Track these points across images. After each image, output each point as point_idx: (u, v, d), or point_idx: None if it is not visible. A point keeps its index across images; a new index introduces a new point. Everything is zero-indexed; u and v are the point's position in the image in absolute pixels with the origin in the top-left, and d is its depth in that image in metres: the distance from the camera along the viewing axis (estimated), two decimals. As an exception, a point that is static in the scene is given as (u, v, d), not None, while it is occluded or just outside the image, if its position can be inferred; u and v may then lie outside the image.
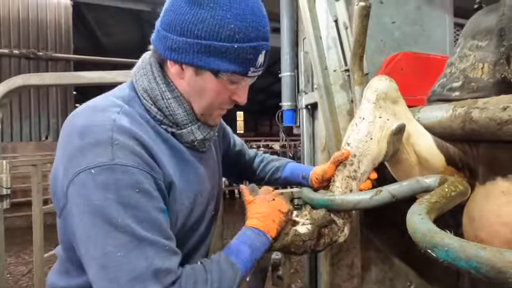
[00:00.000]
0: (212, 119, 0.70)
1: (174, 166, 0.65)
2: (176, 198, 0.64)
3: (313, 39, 1.17)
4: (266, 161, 1.05)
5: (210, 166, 0.79)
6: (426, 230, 0.51)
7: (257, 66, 0.62)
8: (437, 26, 1.49)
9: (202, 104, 0.66)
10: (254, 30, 0.60)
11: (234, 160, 1.01)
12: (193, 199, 0.69)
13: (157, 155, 0.60)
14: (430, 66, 1.29)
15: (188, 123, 0.66)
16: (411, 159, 0.90)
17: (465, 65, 0.82)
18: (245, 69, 0.61)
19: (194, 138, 0.68)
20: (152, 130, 0.63)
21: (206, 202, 0.75)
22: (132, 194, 0.53)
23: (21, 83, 1.32)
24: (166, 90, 0.64)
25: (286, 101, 1.66)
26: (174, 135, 0.67)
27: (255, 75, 0.65)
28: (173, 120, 0.65)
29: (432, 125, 0.88)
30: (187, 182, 0.67)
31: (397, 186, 0.78)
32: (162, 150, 0.63)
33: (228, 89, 0.65)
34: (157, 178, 0.58)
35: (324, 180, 0.90)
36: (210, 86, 0.63)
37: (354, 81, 1.02)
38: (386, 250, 1.29)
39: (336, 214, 0.85)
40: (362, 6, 0.88)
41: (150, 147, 0.59)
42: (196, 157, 0.72)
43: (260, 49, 0.61)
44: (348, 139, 0.87)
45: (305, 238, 0.79)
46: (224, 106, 0.69)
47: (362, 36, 0.93)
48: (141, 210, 0.53)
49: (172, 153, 0.66)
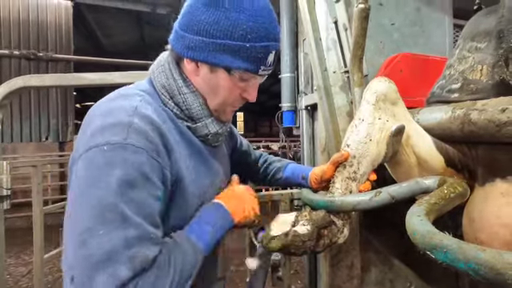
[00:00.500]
0: (225, 115, 0.74)
1: (188, 157, 0.68)
2: (186, 187, 0.66)
3: (313, 41, 1.18)
4: (269, 161, 1.07)
5: (222, 161, 0.82)
6: (424, 231, 0.51)
7: (267, 64, 0.67)
8: (436, 27, 1.49)
9: (215, 101, 0.70)
10: (264, 31, 0.64)
11: (239, 159, 1.03)
12: (204, 191, 0.71)
13: (172, 145, 0.63)
14: (429, 68, 1.30)
15: (203, 117, 0.70)
16: (410, 160, 0.90)
17: (464, 66, 0.82)
18: (256, 67, 0.65)
19: (208, 132, 0.72)
20: (170, 122, 0.67)
21: (216, 194, 0.76)
22: (134, 174, 0.54)
23: (21, 84, 1.33)
24: (182, 86, 0.69)
25: (286, 102, 1.66)
26: (190, 129, 0.71)
27: (265, 74, 0.69)
28: (188, 114, 0.69)
29: (431, 126, 0.89)
30: (199, 174, 0.70)
31: (396, 187, 0.78)
32: (178, 141, 0.66)
33: (239, 86, 0.69)
34: (164, 166, 0.59)
35: (323, 180, 0.90)
36: (222, 83, 0.67)
37: (354, 82, 1.03)
38: (386, 251, 1.29)
39: (336, 215, 0.85)
40: (362, 8, 0.88)
41: (167, 137, 0.62)
42: (209, 151, 0.76)
43: (270, 48, 0.66)
44: (347, 140, 0.88)
45: (304, 238, 0.79)
46: (236, 103, 0.73)
47: (361, 38, 0.93)
48: (137, 192, 0.54)
49: (187, 145, 0.69)
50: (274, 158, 1.09)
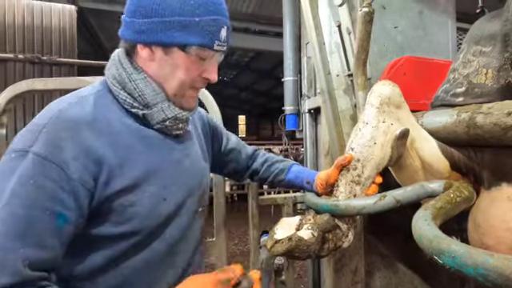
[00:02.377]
0: (186, 100, 0.71)
1: (136, 153, 0.64)
2: (137, 185, 0.62)
3: (316, 45, 1.18)
4: (270, 161, 1.03)
5: (191, 157, 0.77)
6: (432, 236, 0.51)
7: (221, 39, 0.66)
8: (439, 30, 1.49)
9: (173, 83, 0.68)
10: (212, 5, 0.65)
11: (228, 158, 1.00)
12: (161, 186, 0.66)
13: (102, 149, 0.58)
14: (433, 71, 1.29)
15: (158, 102, 0.67)
16: (415, 164, 0.90)
17: (468, 70, 0.82)
18: (210, 41, 0.65)
19: (165, 117, 0.67)
20: (115, 119, 0.64)
21: (183, 193, 0.72)
22: (27, 184, 0.51)
23: (25, 88, 1.34)
24: (132, 73, 0.67)
25: (289, 105, 1.67)
26: (146, 117, 0.67)
27: (220, 49, 0.68)
28: (142, 101, 0.66)
29: (436, 130, 0.88)
30: (153, 170, 0.65)
31: (401, 191, 0.78)
32: (122, 139, 0.62)
33: (198, 65, 0.67)
34: (73, 178, 0.54)
35: (328, 185, 0.89)
36: (179, 63, 0.66)
37: (358, 86, 1.03)
38: (391, 255, 1.28)
39: (340, 219, 0.84)
40: (366, 11, 0.89)
41: (92, 141, 0.58)
42: (170, 144, 0.71)
43: (220, 23, 0.66)
44: (352, 144, 0.87)
45: (309, 242, 0.79)
46: (196, 84, 0.70)
47: (365, 41, 0.93)
48: (23, 204, 0.50)
49: (138, 140, 0.65)
50: (275, 157, 1.06)
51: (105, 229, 0.60)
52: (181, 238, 0.72)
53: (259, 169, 1.03)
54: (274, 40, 8.58)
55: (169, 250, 0.70)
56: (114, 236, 0.61)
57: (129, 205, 0.61)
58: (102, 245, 0.61)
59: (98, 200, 0.58)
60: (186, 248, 0.75)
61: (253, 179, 1.08)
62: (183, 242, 0.74)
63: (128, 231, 0.62)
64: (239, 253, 4.41)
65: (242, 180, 1.10)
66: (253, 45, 8.91)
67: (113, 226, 0.60)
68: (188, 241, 0.75)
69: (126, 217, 0.61)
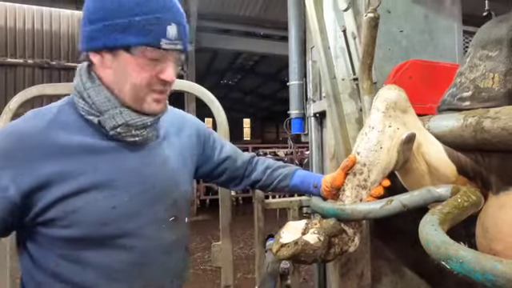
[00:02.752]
0: (147, 105, 0.69)
1: (82, 162, 0.65)
2: (80, 193, 0.64)
3: (321, 49, 1.19)
4: (272, 167, 1.00)
5: (153, 165, 0.74)
6: (439, 241, 0.51)
7: (169, 37, 0.64)
8: (445, 34, 1.49)
9: (127, 88, 0.67)
10: (155, 3, 0.64)
11: (224, 166, 0.97)
12: (109, 195, 0.66)
13: (40, 160, 0.62)
14: (439, 74, 1.29)
15: (109, 109, 0.67)
16: (422, 168, 0.90)
17: (475, 75, 0.82)
18: (154, 40, 0.63)
19: (116, 123, 0.67)
20: (66, 130, 0.66)
21: (139, 202, 0.70)
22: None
23: (36, 93, 1.37)
24: (86, 82, 0.69)
25: (294, 109, 1.67)
26: (101, 124, 0.68)
27: (172, 48, 0.66)
28: (96, 108, 0.67)
29: (442, 134, 0.88)
30: (100, 178, 0.66)
31: (408, 195, 0.78)
32: (69, 149, 0.65)
33: (150, 67, 0.66)
34: (18, 173, 0.60)
35: (333, 188, 0.89)
36: (128, 66, 0.66)
37: (363, 90, 1.03)
38: (397, 259, 1.27)
39: (346, 223, 0.84)
40: (371, 17, 0.89)
41: (29, 153, 0.62)
42: (124, 151, 0.70)
43: (165, 20, 0.64)
44: (358, 148, 0.88)
45: (315, 247, 0.79)
46: (154, 86, 0.68)
47: (370, 46, 0.94)
48: None
49: (88, 149, 0.67)
50: (276, 163, 1.03)
51: (56, 231, 0.64)
52: (147, 250, 0.71)
53: (260, 177, 0.99)
54: (279, 44, 8.63)
55: (134, 261, 0.69)
56: (65, 238, 0.65)
57: (71, 211, 0.64)
58: (58, 243, 0.65)
59: (41, 206, 0.62)
60: (155, 260, 0.73)
61: (254, 187, 1.04)
62: (151, 254, 0.72)
63: (76, 235, 0.65)
64: (244, 256, 4.40)
65: (241, 188, 1.04)
66: (257, 48, 8.97)
67: (60, 228, 0.64)
68: (157, 253, 0.73)
69: (70, 222, 0.64)
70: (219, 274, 1.39)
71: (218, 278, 1.41)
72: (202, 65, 10.77)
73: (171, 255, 0.77)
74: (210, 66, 11.66)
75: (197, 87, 1.42)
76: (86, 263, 0.66)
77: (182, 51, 0.69)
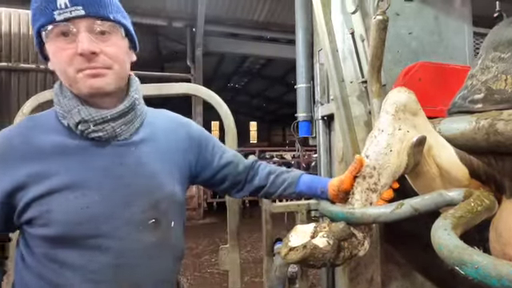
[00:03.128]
0: (82, 83, 0.67)
1: (55, 163, 0.67)
2: (52, 193, 0.65)
3: (329, 52, 1.19)
4: (275, 173, 0.97)
5: (128, 165, 0.73)
6: (452, 246, 0.50)
7: (60, 7, 0.63)
8: (455, 35, 1.47)
9: (61, 74, 0.67)
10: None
11: (224, 172, 0.94)
12: (80, 194, 0.67)
13: (19, 164, 0.66)
14: (449, 76, 1.27)
15: (72, 109, 0.68)
16: (432, 172, 0.88)
17: (487, 76, 0.81)
18: (47, 16, 0.64)
19: (74, 121, 0.68)
20: (44, 135, 0.69)
21: (112, 202, 0.70)
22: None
23: (48, 97, 1.40)
24: (57, 87, 0.72)
25: (302, 112, 1.67)
26: (69, 125, 0.70)
27: (67, 16, 0.63)
28: (65, 110, 0.69)
29: (454, 137, 0.87)
30: (71, 178, 0.67)
31: (419, 199, 0.77)
32: (43, 153, 0.67)
33: (63, 44, 0.65)
34: (1, 173, 0.65)
35: (340, 191, 0.87)
36: (51, 54, 0.67)
37: (372, 93, 1.02)
38: (408, 264, 1.25)
39: (356, 227, 0.83)
40: (380, 19, 0.89)
41: (10, 158, 0.66)
42: (94, 151, 0.70)
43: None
44: (367, 151, 0.87)
45: (324, 250, 0.78)
46: (80, 65, 0.65)
47: (379, 49, 0.93)
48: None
49: (60, 151, 0.68)
50: (279, 169, 0.99)
51: (35, 230, 0.67)
52: (123, 252, 0.70)
53: (264, 182, 0.96)
54: (286, 47, 8.66)
55: (111, 263, 0.69)
56: (43, 237, 0.67)
57: (45, 211, 0.65)
58: (39, 242, 0.68)
59: (22, 205, 0.66)
60: (133, 263, 0.71)
61: (258, 194, 0.99)
62: (128, 257, 0.70)
63: (54, 234, 0.66)
64: (252, 260, 4.39)
65: (244, 195, 1.00)
66: (264, 52, 9.01)
67: (39, 227, 0.67)
68: (135, 256, 0.71)
69: (46, 221, 0.66)
70: (226, 277, 1.39)
71: (226, 281, 1.41)
72: (209, 68, 10.86)
73: (153, 259, 0.74)
74: (217, 69, 11.75)
75: (204, 90, 1.44)
76: (62, 262, 0.67)
77: (90, 16, 0.64)
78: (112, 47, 0.68)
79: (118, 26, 0.69)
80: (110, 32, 0.68)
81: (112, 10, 0.67)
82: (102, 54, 0.66)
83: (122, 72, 0.71)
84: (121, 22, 0.70)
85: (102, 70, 0.67)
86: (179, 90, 1.38)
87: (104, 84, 0.68)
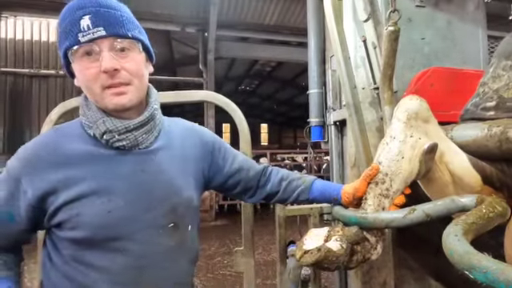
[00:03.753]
0: (108, 100, 0.72)
1: (82, 170, 0.72)
2: (80, 198, 0.70)
3: (342, 60, 1.21)
4: (287, 179, 0.98)
5: (149, 172, 0.77)
6: (462, 251, 0.52)
7: (84, 29, 0.68)
8: (469, 40, 1.47)
9: (88, 91, 0.73)
10: (68, 11, 0.70)
11: (236, 177, 0.97)
12: (105, 199, 0.71)
13: (49, 170, 0.71)
14: (463, 81, 1.28)
15: (97, 120, 0.73)
16: (445, 178, 0.90)
17: (498, 85, 0.82)
18: (72, 39, 0.69)
19: (100, 132, 0.73)
20: (71, 143, 0.74)
21: (134, 207, 0.74)
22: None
23: (74, 104, 1.48)
24: (83, 100, 0.78)
25: (314, 117, 1.70)
26: (94, 135, 0.75)
27: (90, 37, 0.68)
28: (90, 121, 0.74)
29: (466, 143, 0.88)
30: (97, 184, 0.71)
31: (431, 205, 0.78)
32: (72, 160, 0.72)
33: (89, 64, 0.70)
34: (34, 180, 0.70)
35: (355, 198, 0.89)
36: (77, 73, 0.72)
37: (384, 100, 1.04)
38: (421, 269, 1.25)
39: (369, 231, 0.86)
40: (391, 30, 0.91)
41: (42, 164, 0.71)
42: (119, 158, 0.75)
43: (76, 18, 0.69)
44: (379, 158, 0.89)
45: (337, 254, 0.81)
46: (104, 81, 0.70)
47: (391, 58, 0.96)
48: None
49: (87, 158, 0.73)
50: (291, 174, 1.01)
51: (64, 233, 0.72)
52: (144, 254, 0.74)
53: (276, 189, 0.98)
54: (296, 50, 8.67)
55: (131, 263, 0.73)
56: (71, 239, 0.72)
57: (75, 214, 0.70)
58: (67, 244, 0.73)
59: (52, 209, 0.70)
60: (152, 265, 0.75)
61: (271, 200, 1.01)
62: (148, 259, 0.74)
63: (81, 237, 0.71)
64: (263, 262, 4.41)
65: (257, 200, 1.03)
66: (275, 55, 9.05)
67: (68, 230, 0.71)
68: (154, 258, 0.75)
69: (75, 224, 0.70)
70: (239, 279, 1.42)
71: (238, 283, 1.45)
72: (221, 71, 10.98)
73: (171, 261, 0.78)
74: (228, 72, 11.86)
75: (220, 97, 1.49)
76: (88, 264, 0.72)
77: (111, 35, 0.69)
78: (131, 63, 0.73)
79: (136, 42, 0.74)
80: (129, 48, 0.73)
81: (129, 28, 0.73)
82: (123, 70, 0.71)
83: (141, 86, 0.77)
84: (138, 38, 0.75)
85: (124, 88, 0.72)
86: (197, 97, 1.43)
87: (127, 101, 0.73)
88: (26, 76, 6.98)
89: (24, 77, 6.99)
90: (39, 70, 7.03)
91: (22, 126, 7.02)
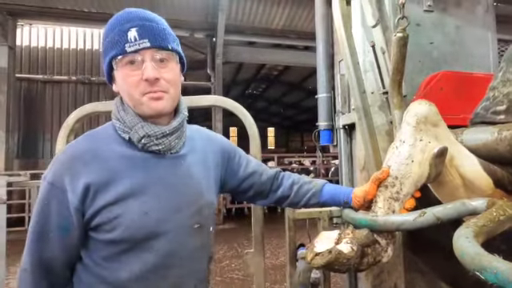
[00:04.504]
0: (146, 105, 0.76)
1: (120, 173, 0.75)
2: (119, 201, 0.73)
3: (351, 65, 1.23)
4: (298, 183, 1.02)
5: (179, 175, 0.82)
6: (473, 253, 0.53)
7: (131, 40, 0.73)
8: (478, 44, 1.47)
9: (127, 97, 0.77)
10: (117, 22, 0.76)
11: (250, 181, 1.00)
12: (142, 201, 0.75)
13: (89, 175, 0.73)
14: (472, 85, 1.28)
15: (135, 124, 0.77)
16: (455, 181, 0.90)
17: (508, 89, 0.83)
18: (119, 48, 0.74)
19: (139, 136, 0.76)
20: (107, 147, 0.77)
21: (167, 208, 0.77)
22: (43, 204, 0.73)
23: (90, 110, 1.53)
24: (119, 106, 0.81)
25: (323, 121, 1.71)
26: (131, 139, 0.78)
27: (136, 48, 0.73)
28: (127, 126, 0.78)
29: (476, 147, 0.89)
30: (135, 187, 0.74)
31: (441, 208, 0.79)
32: (109, 163, 0.75)
33: (132, 72, 0.75)
34: (68, 199, 0.72)
35: (366, 202, 0.91)
36: (120, 80, 0.77)
37: (394, 105, 1.06)
38: (432, 272, 1.25)
39: (379, 234, 0.87)
40: (400, 36, 0.93)
41: (81, 169, 0.73)
42: (154, 161, 0.79)
43: (124, 29, 0.74)
44: (388, 161, 0.90)
45: (348, 256, 0.82)
46: (144, 89, 0.75)
47: (400, 63, 0.97)
48: (41, 219, 0.73)
49: (124, 161, 0.76)
50: (302, 178, 1.04)
51: (101, 235, 0.74)
52: (172, 253, 0.78)
53: (288, 193, 1.01)
54: (303, 54, 8.70)
55: (160, 262, 0.76)
56: (108, 241, 0.74)
57: (114, 217, 0.73)
58: (101, 246, 0.75)
59: (90, 213, 0.73)
60: (178, 263, 0.79)
61: (282, 204, 1.05)
62: (174, 257, 0.78)
63: (118, 238, 0.73)
64: (271, 266, 4.40)
65: (268, 203, 1.07)
66: (282, 59, 9.10)
67: (105, 233, 0.73)
68: (181, 257, 0.79)
69: (113, 226, 0.73)
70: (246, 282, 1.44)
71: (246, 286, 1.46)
72: (228, 76, 11.08)
73: (195, 261, 0.83)
74: (236, 76, 11.95)
75: (230, 102, 1.52)
76: (120, 264, 0.74)
77: (154, 47, 0.74)
78: (169, 73, 0.78)
79: (174, 54, 0.80)
80: (168, 59, 0.78)
81: (170, 41, 0.78)
82: (162, 79, 0.76)
83: (175, 95, 0.81)
84: (177, 50, 0.80)
85: (161, 94, 0.77)
86: (208, 101, 1.47)
87: (163, 107, 0.78)
88: (40, 82, 7.19)
89: (38, 82, 7.20)
90: (52, 75, 7.23)
91: (35, 130, 7.21)
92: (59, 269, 0.75)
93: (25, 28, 7.25)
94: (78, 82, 7.30)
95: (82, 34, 7.61)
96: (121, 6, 6.97)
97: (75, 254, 0.77)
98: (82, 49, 7.57)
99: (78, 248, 0.76)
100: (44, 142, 7.25)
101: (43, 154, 7.26)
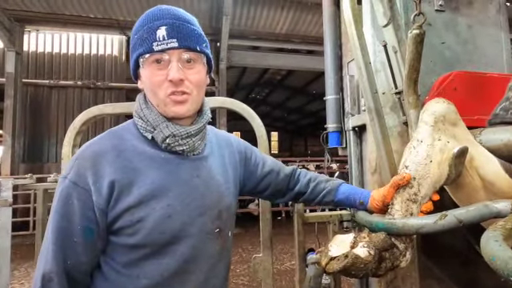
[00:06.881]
0: (169, 107, 0.75)
1: (143, 174, 0.72)
2: (142, 203, 0.70)
3: (362, 65, 1.21)
4: (315, 181, 1.02)
5: (202, 177, 0.80)
6: (506, 257, 0.50)
7: (159, 39, 0.72)
8: (491, 43, 1.44)
9: (152, 95, 0.76)
10: (146, 19, 0.75)
11: (267, 180, 1.00)
12: (166, 204, 0.72)
13: (113, 175, 0.70)
14: (486, 85, 1.25)
15: (159, 124, 0.75)
16: (475, 183, 0.87)
17: (531, 87, 0.80)
18: (147, 46, 0.72)
19: (164, 135, 0.74)
20: (130, 146, 0.75)
21: (190, 212, 0.75)
22: (65, 204, 0.69)
23: (96, 112, 1.52)
24: (142, 104, 0.79)
25: (331, 123, 1.68)
26: (154, 138, 0.76)
27: (164, 47, 0.72)
28: (150, 125, 0.76)
29: (497, 148, 0.85)
30: (158, 189, 0.72)
31: (463, 210, 0.76)
32: (132, 163, 0.73)
33: (156, 71, 0.74)
34: (93, 199, 0.68)
35: (384, 205, 0.88)
36: (145, 78, 0.76)
37: (409, 104, 1.03)
38: (448, 279, 1.21)
39: (397, 238, 0.84)
40: (416, 33, 0.91)
41: (105, 168, 0.70)
42: (177, 164, 0.77)
43: (154, 27, 0.73)
44: (405, 162, 0.87)
45: (366, 261, 0.79)
46: (168, 89, 0.74)
47: (416, 61, 0.95)
48: (64, 221, 0.69)
49: (147, 162, 0.74)
50: (319, 176, 1.03)
51: (122, 239, 0.70)
52: (193, 258, 0.75)
53: (304, 189, 1.01)
54: (307, 58, 8.71)
55: (180, 268, 0.73)
56: (130, 245, 0.70)
57: (136, 220, 0.70)
58: (121, 250, 0.71)
59: (113, 215, 0.69)
60: (198, 269, 0.76)
61: (298, 200, 1.06)
62: (195, 262, 0.76)
63: (139, 243, 0.70)
64: (277, 272, 4.34)
65: (285, 201, 1.07)
66: (286, 63, 9.11)
67: (127, 237, 0.70)
68: (200, 262, 0.77)
69: (135, 230, 0.69)
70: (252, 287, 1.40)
71: (251, 291, 1.42)
72: (232, 80, 11.11)
73: (213, 266, 0.80)
74: (239, 81, 11.99)
75: (238, 104, 1.50)
76: (140, 269, 0.71)
77: (181, 47, 0.73)
78: (195, 75, 0.76)
79: (202, 55, 0.78)
80: (195, 60, 0.76)
81: (199, 42, 0.76)
82: (187, 81, 0.75)
83: (198, 97, 0.79)
84: (204, 51, 0.78)
85: (184, 97, 0.75)
86: (216, 103, 1.46)
87: (185, 111, 0.76)
88: (46, 87, 7.26)
89: (44, 87, 7.28)
90: (58, 80, 7.30)
91: (41, 135, 7.26)
92: (82, 276, 0.71)
93: (32, 34, 7.35)
94: (84, 86, 7.37)
95: (87, 39, 7.70)
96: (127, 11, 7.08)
97: (96, 260, 0.73)
98: (87, 54, 7.65)
99: (99, 253, 0.72)
100: (49, 147, 7.30)
101: (48, 159, 7.29)
